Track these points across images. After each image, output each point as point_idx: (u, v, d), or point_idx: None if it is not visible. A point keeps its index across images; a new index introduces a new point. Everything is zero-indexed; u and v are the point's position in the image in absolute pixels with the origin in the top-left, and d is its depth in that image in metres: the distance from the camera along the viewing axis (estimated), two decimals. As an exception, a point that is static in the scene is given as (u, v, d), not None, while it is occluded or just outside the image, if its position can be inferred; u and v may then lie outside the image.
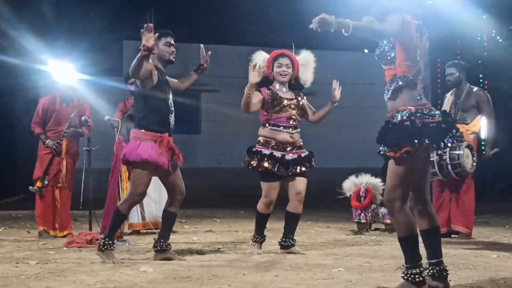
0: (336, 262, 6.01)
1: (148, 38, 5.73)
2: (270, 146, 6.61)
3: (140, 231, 8.85)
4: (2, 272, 5.46)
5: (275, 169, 6.53)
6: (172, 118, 6.21)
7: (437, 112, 4.51)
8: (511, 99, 18.53)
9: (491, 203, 14.15)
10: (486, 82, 18.01)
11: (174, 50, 6.35)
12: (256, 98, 6.62)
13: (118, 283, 4.91)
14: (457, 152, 7.70)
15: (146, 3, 21.16)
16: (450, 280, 4.89)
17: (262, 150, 6.60)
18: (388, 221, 8.91)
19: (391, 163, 4.45)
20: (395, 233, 8.54)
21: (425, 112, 4.41)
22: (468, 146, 7.78)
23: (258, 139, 6.71)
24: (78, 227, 9.40)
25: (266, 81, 6.81)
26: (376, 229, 9.10)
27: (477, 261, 5.98)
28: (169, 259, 6.15)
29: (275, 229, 9.28)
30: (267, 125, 6.68)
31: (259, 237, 6.73)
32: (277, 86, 6.81)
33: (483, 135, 8.19)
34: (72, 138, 8.54)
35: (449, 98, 8.34)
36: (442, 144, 4.39)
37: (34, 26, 16.78)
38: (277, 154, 6.58)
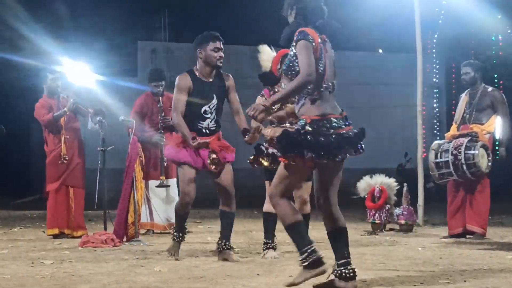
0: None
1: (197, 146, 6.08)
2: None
3: (149, 230, 8.85)
4: (17, 271, 5.49)
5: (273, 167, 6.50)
6: (204, 124, 6.28)
7: (340, 123, 4.56)
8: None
9: (506, 204, 14.07)
10: (501, 82, 17.92)
11: (223, 55, 6.34)
12: None
13: (133, 283, 4.93)
14: (472, 152, 7.67)
15: (160, 4, 21.20)
16: (464, 281, 4.88)
17: (269, 148, 6.57)
18: (402, 221, 8.89)
19: (281, 163, 4.66)
20: (410, 233, 8.55)
21: (320, 124, 4.50)
22: (483, 146, 7.75)
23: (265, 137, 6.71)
24: (92, 227, 9.43)
25: (272, 78, 6.77)
26: (390, 229, 9.08)
27: (492, 261, 5.95)
28: (226, 259, 6.21)
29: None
30: (270, 123, 6.67)
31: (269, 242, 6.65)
32: (282, 85, 6.78)
33: (498, 135, 8.14)
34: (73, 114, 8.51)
35: (463, 98, 8.31)
36: (334, 156, 4.46)
37: (49, 27, 16.86)
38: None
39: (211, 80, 6.34)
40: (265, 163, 6.38)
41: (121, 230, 7.62)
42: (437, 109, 21.45)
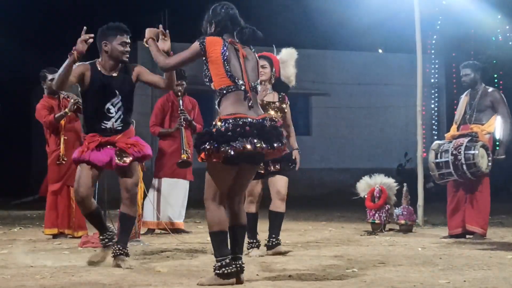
0: (350, 262, 6.00)
1: (83, 44, 5.64)
2: None
3: (155, 230, 8.88)
4: (17, 272, 5.49)
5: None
6: (108, 124, 5.82)
7: (248, 120, 4.80)
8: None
9: (507, 204, 14.07)
10: (501, 82, 17.93)
11: (129, 49, 5.92)
12: None
13: (133, 283, 4.93)
14: (472, 152, 7.67)
15: (160, 4, 21.21)
16: (464, 281, 4.89)
17: None
18: (402, 221, 8.89)
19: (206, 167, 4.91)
20: (409, 233, 8.56)
21: (231, 121, 4.78)
22: (483, 146, 7.75)
23: None
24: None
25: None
26: (390, 229, 9.08)
27: (491, 261, 5.95)
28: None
29: (288, 229, 9.29)
30: None
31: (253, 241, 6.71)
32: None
33: (498, 135, 8.14)
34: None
35: (464, 99, 8.31)
36: (233, 147, 4.68)
37: (46, 26, 16.86)
38: None
39: (114, 74, 5.86)
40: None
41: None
42: (436, 109, 21.47)
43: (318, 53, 22.74)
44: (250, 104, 4.93)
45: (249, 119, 4.82)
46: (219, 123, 4.82)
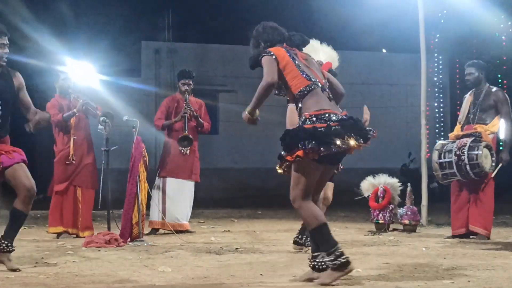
0: (354, 262, 5.98)
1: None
2: None
3: (159, 230, 8.89)
4: (21, 271, 5.49)
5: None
6: None
7: (339, 116, 4.84)
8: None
9: (511, 204, 14.05)
10: (505, 81, 17.90)
11: (8, 51, 5.63)
12: None
13: (137, 283, 4.93)
14: (476, 152, 7.66)
15: (164, 4, 21.21)
16: (468, 281, 4.88)
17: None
18: (406, 221, 8.88)
19: (292, 165, 4.89)
20: (413, 233, 8.54)
21: (320, 117, 4.81)
22: (487, 146, 7.74)
23: None
24: (96, 227, 9.43)
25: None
26: (394, 229, 9.07)
27: (495, 262, 5.94)
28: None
29: (292, 229, 9.28)
30: None
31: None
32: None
33: (502, 135, 8.13)
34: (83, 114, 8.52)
35: (468, 98, 8.30)
36: (336, 146, 4.71)
37: (52, 27, 16.88)
38: None
39: None
40: (279, 171, 6.50)
41: (128, 230, 7.63)
42: (441, 109, 21.44)
43: (322, 53, 22.73)
44: (330, 101, 5.02)
45: (338, 116, 4.86)
46: (309, 120, 4.81)
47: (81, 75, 8.82)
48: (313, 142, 4.70)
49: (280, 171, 5.14)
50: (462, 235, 8.00)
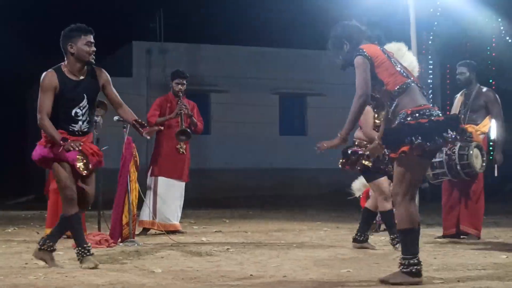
0: (345, 262, 6.00)
1: (70, 147, 5.56)
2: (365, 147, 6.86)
3: (150, 230, 8.86)
4: (11, 272, 5.47)
5: (374, 165, 6.79)
6: (76, 127, 5.73)
7: (437, 112, 4.85)
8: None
9: (501, 204, 14.10)
10: (493, 82, 17.96)
11: (95, 49, 5.79)
12: None
13: (127, 284, 4.92)
14: (466, 152, 7.67)
15: (155, 4, 21.20)
16: (458, 281, 4.89)
17: (359, 150, 6.86)
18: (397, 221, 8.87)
19: (395, 162, 4.84)
20: (389, 235, 8.54)
21: (421, 113, 4.78)
22: (477, 146, 7.75)
23: (354, 140, 6.98)
24: (87, 227, 9.39)
25: None
26: (385, 229, 9.05)
27: (486, 261, 5.95)
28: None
29: (283, 229, 9.29)
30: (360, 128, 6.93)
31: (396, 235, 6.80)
32: None
33: (493, 135, 8.14)
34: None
35: (458, 98, 8.31)
36: (440, 140, 4.71)
37: (41, 26, 16.85)
38: None
39: (81, 78, 5.76)
40: (367, 163, 6.63)
41: (117, 231, 7.61)
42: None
43: (314, 53, 22.74)
44: (425, 97, 5.01)
45: (437, 111, 4.87)
46: (411, 116, 4.78)
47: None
48: (419, 137, 4.69)
49: (342, 166, 5.09)
50: (452, 235, 8.01)
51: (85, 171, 5.74)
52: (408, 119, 4.78)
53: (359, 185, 9.30)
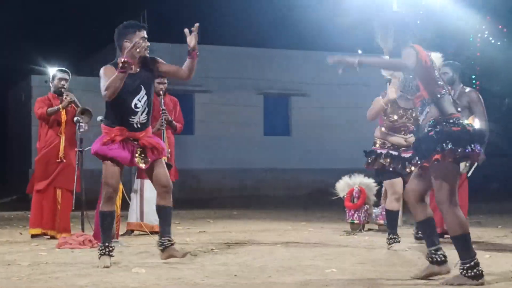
0: (329, 262, 6.00)
1: (134, 54, 5.73)
2: (386, 146, 7.05)
3: (134, 231, 8.83)
4: (-6, 273, 5.43)
5: (391, 166, 6.93)
6: (135, 119, 5.91)
7: (467, 122, 5.00)
8: (503, 100, 18.56)
9: (484, 204, 14.18)
10: (478, 82, 18.05)
11: (149, 44, 5.98)
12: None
13: (110, 284, 4.89)
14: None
15: (139, 3, 21.15)
16: (439, 281, 4.90)
17: (378, 150, 7.04)
18: (381, 221, 8.92)
19: (431, 171, 4.94)
20: (387, 233, 8.56)
21: (451, 121, 4.87)
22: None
23: (374, 140, 7.12)
24: (71, 228, 9.35)
25: None
26: (369, 229, 9.10)
27: (470, 261, 5.96)
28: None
29: (268, 229, 9.28)
30: (383, 128, 6.96)
31: (395, 237, 6.98)
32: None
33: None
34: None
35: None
36: (469, 149, 4.81)
37: (25, 27, 16.76)
38: (394, 152, 7.01)
39: (138, 70, 5.98)
40: (382, 162, 6.91)
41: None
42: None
43: (298, 54, 22.79)
44: (454, 106, 5.04)
45: (468, 122, 5.00)
46: (440, 124, 4.85)
47: (52, 74, 8.77)
48: (449, 143, 4.76)
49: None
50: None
51: (143, 165, 5.93)
52: (438, 127, 4.86)
53: (343, 185, 9.33)
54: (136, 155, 5.91)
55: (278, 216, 12.46)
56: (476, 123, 8.11)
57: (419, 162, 4.96)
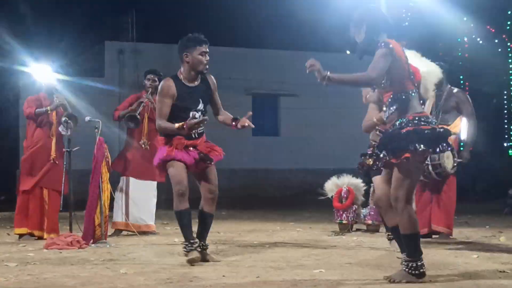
0: (317, 262, 6.01)
1: (193, 127, 5.97)
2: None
3: (122, 231, 8.81)
4: (-19, 274, 5.41)
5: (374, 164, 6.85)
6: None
7: (434, 120, 5.01)
8: (491, 101, 18.64)
9: (472, 204, 14.23)
10: (467, 83, 18.12)
11: (208, 58, 6.19)
12: None
13: (98, 285, 4.88)
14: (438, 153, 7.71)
15: (128, 4, 21.09)
16: (430, 281, 4.92)
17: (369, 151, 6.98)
18: (369, 221, 8.93)
19: (394, 168, 4.92)
20: (376, 233, 8.60)
21: (422, 120, 4.85)
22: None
23: (370, 143, 7.05)
24: (59, 228, 9.32)
25: None
26: (357, 229, 9.12)
27: (457, 261, 6.00)
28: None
29: (256, 229, 9.28)
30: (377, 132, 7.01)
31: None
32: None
33: (463, 136, 8.21)
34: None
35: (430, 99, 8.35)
36: (438, 149, 4.85)
37: (13, 26, 16.69)
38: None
39: (196, 83, 6.21)
40: (368, 162, 6.75)
41: (90, 232, 7.55)
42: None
43: (287, 54, 22.80)
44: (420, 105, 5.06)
45: (434, 120, 5.05)
46: (412, 122, 4.84)
47: (42, 75, 8.73)
48: (422, 144, 4.76)
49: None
50: (424, 235, 8.05)
51: (206, 162, 6.24)
52: (410, 125, 4.84)
53: (331, 185, 9.34)
54: (201, 160, 6.19)
55: (267, 216, 12.47)
56: (464, 123, 8.16)
57: (387, 159, 4.93)
